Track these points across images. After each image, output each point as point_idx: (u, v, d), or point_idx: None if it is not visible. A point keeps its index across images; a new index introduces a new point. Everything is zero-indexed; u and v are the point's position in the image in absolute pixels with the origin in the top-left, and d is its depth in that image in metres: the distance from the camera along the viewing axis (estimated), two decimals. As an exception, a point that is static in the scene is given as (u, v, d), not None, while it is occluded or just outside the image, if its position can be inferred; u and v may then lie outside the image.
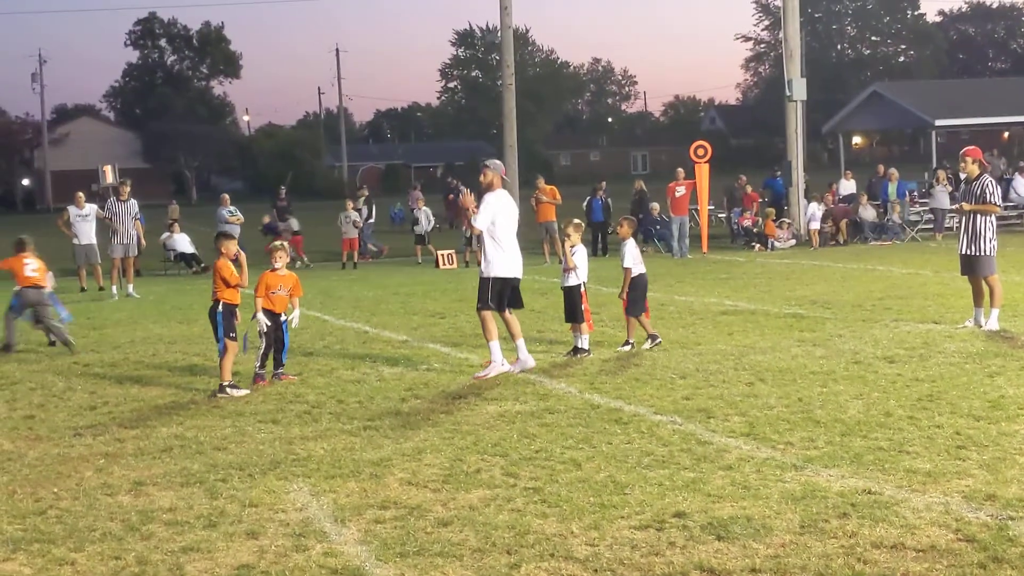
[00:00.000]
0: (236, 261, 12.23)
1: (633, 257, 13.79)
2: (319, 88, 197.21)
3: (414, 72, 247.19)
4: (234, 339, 12.07)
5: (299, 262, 29.61)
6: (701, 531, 6.85)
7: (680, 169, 30.96)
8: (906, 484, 7.67)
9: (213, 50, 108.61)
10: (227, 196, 32.80)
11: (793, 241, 31.14)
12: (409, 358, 13.83)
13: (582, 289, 13.60)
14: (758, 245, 30.74)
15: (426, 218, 31.84)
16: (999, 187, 15.82)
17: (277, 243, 13.22)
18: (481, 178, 12.78)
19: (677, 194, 29.55)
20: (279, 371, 12.54)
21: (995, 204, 14.63)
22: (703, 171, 30.63)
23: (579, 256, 13.69)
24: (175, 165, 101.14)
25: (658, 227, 32.09)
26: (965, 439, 8.80)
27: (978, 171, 14.68)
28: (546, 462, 8.61)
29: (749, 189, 35.01)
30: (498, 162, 13.22)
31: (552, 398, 11.03)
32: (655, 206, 32.80)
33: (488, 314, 12.52)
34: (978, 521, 6.84)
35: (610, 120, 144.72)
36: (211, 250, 14.65)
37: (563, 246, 13.73)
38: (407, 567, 6.48)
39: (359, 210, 32.05)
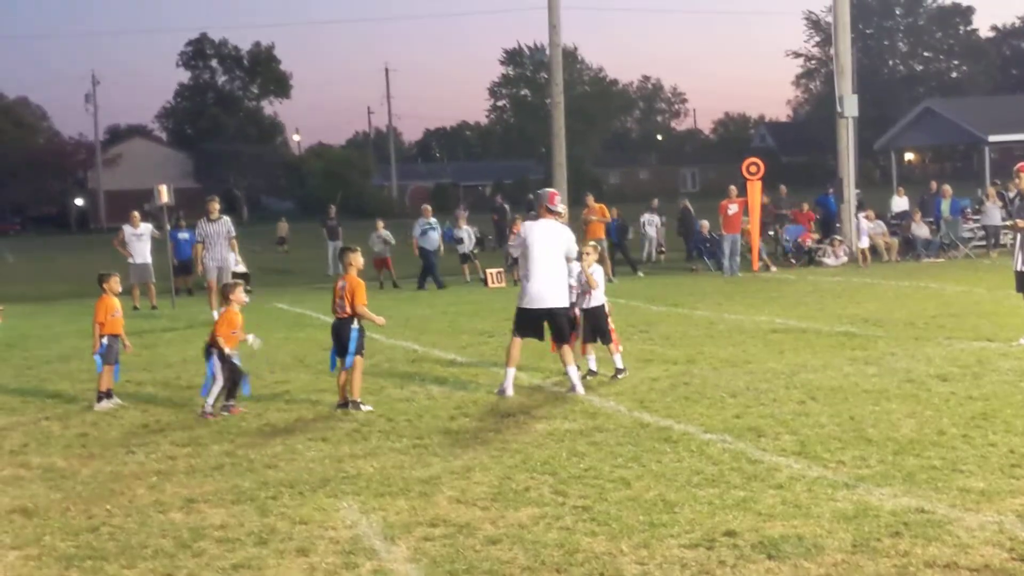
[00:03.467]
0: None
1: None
2: (368, 107, 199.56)
3: (463, 91, 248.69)
4: (363, 356, 12.11)
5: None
6: (752, 550, 6.81)
7: (732, 187, 30.77)
8: (959, 503, 7.59)
9: (264, 70, 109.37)
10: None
11: (845, 259, 30.88)
12: (458, 377, 13.86)
13: (607, 308, 13.47)
14: (795, 260, 30.56)
15: (468, 236, 31.79)
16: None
17: (234, 281, 13.06)
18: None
19: (730, 212, 29.35)
20: (230, 403, 12.05)
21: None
22: (755, 188, 30.48)
23: (597, 275, 13.44)
24: (226, 185, 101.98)
25: (707, 245, 31.97)
26: (1019, 457, 8.70)
27: (1032, 187, 14.53)
28: (595, 480, 8.59)
29: (806, 207, 34.79)
30: (545, 191, 13.25)
31: (601, 416, 11.01)
32: (705, 224, 32.67)
33: (515, 340, 12.63)
34: (1033, 541, 6.75)
35: (659, 138, 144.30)
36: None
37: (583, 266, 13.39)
38: (456, 585, 6.48)
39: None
